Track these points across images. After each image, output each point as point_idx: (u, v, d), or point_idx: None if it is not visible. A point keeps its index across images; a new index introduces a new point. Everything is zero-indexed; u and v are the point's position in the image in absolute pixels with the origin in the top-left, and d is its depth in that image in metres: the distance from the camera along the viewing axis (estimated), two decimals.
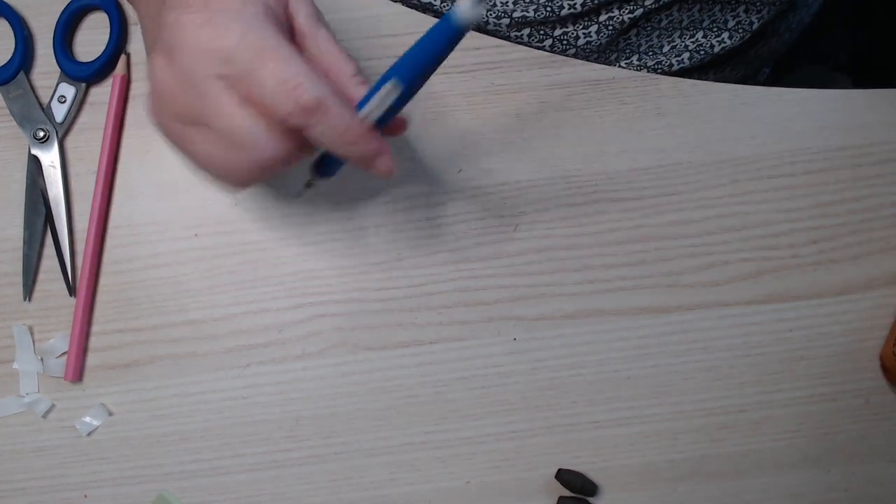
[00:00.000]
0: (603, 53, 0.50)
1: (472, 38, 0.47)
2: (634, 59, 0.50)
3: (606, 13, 0.47)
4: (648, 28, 0.49)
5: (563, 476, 0.44)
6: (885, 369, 0.45)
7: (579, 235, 0.46)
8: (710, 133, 0.46)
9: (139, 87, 0.46)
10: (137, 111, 0.46)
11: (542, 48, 0.49)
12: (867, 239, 0.46)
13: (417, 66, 0.34)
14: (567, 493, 0.44)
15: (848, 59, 0.72)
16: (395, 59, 0.46)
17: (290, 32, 0.35)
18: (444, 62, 0.46)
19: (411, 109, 0.46)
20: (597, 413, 0.45)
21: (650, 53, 0.50)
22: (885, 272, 0.46)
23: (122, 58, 0.46)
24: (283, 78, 0.31)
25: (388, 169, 0.35)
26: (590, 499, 0.44)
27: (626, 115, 0.46)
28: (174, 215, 0.46)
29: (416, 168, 0.46)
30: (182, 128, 0.34)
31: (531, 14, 0.46)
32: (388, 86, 0.33)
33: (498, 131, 0.46)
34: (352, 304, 0.45)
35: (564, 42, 0.48)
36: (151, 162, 0.46)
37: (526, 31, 0.48)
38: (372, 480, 0.45)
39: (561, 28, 0.48)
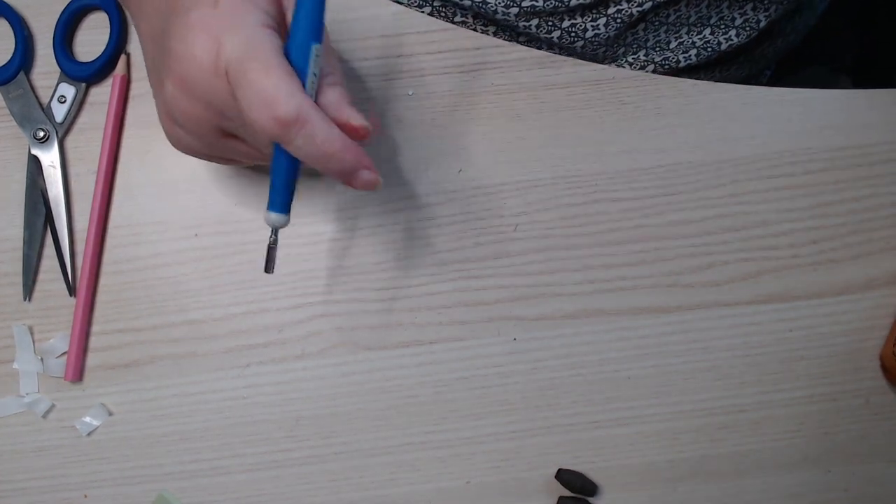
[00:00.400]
0: (611, 47, 0.50)
1: (472, 38, 0.47)
2: (641, 54, 0.50)
3: (615, 5, 0.47)
4: (656, 23, 0.49)
5: (563, 476, 0.44)
6: (885, 369, 0.45)
7: (579, 235, 0.46)
8: (711, 133, 0.46)
9: (139, 87, 0.46)
10: (137, 111, 0.46)
11: (550, 39, 0.48)
12: (867, 239, 0.46)
13: (315, 24, 0.34)
14: (567, 493, 0.44)
15: (852, 61, 0.71)
16: (391, 60, 0.47)
17: (281, 29, 0.35)
18: (443, 62, 0.47)
19: (412, 109, 0.46)
20: (597, 413, 0.45)
21: (657, 49, 0.50)
22: (885, 272, 0.46)
23: (122, 58, 0.46)
24: (261, 92, 0.31)
25: (369, 183, 0.34)
26: (590, 499, 0.44)
27: (626, 115, 0.46)
28: (174, 215, 0.46)
29: (416, 168, 0.46)
30: (221, 140, 0.35)
31: (540, 4, 0.46)
32: (314, 50, 0.34)
33: (498, 131, 0.46)
34: (352, 304, 0.45)
35: (572, 34, 0.48)
36: (151, 162, 0.46)
37: (534, 21, 0.48)
38: (372, 480, 0.45)
39: (569, 19, 0.48)
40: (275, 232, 0.36)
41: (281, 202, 0.35)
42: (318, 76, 0.34)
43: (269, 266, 0.37)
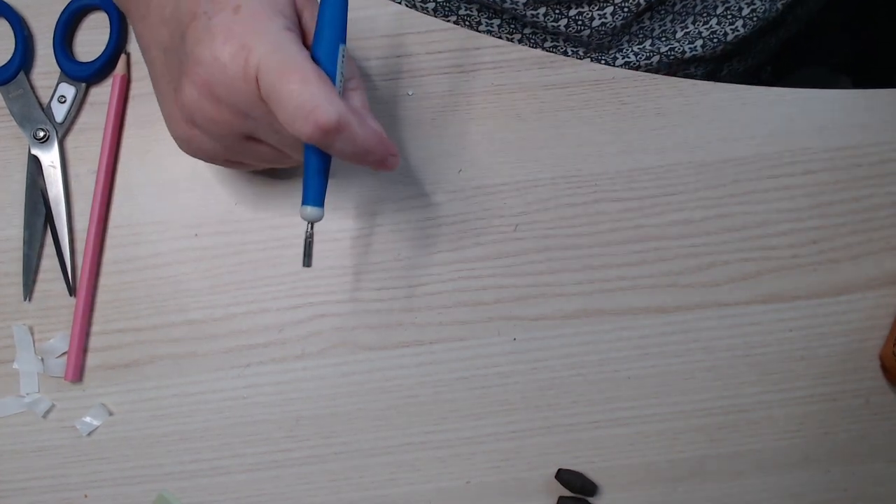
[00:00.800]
0: (616, 37, 0.50)
1: (471, 38, 0.47)
2: (647, 43, 0.50)
3: None
4: (662, 11, 0.49)
5: (563, 476, 0.44)
6: (885, 369, 0.45)
7: (579, 235, 0.46)
8: (710, 133, 0.46)
9: (139, 87, 0.46)
10: (137, 111, 0.46)
11: (557, 28, 0.48)
12: (867, 239, 0.46)
13: (341, 24, 0.35)
14: (567, 493, 0.44)
15: (850, 59, 0.71)
16: (391, 60, 0.47)
17: (300, 32, 0.35)
18: (443, 62, 0.47)
19: (412, 109, 0.46)
20: (597, 413, 0.45)
21: (663, 38, 0.50)
22: (885, 272, 0.46)
23: (122, 57, 0.46)
24: (301, 101, 0.31)
25: (395, 166, 0.36)
26: (590, 499, 0.44)
27: (626, 115, 0.46)
28: (174, 215, 0.46)
29: (416, 168, 0.46)
30: (243, 143, 0.36)
31: None
32: (341, 50, 0.35)
33: (498, 131, 0.46)
34: (352, 304, 0.45)
35: (579, 22, 0.48)
36: (151, 162, 0.46)
37: (542, 9, 0.48)
38: (372, 480, 0.45)
39: (577, 8, 0.48)
40: (311, 226, 0.37)
41: (316, 196, 0.35)
42: (345, 77, 0.35)
43: (307, 260, 0.37)
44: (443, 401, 0.45)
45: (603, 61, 0.50)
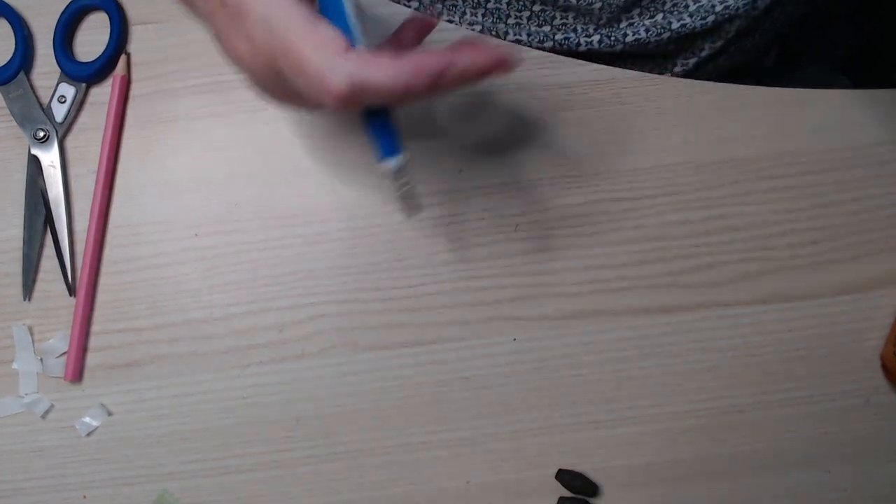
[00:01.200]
0: (627, 11, 0.49)
1: (472, 39, 0.46)
2: (659, 17, 0.49)
3: None
4: None
5: (563, 476, 0.44)
6: (886, 369, 0.45)
7: (579, 235, 0.46)
8: (710, 133, 0.46)
9: (139, 88, 0.46)
10: (137, 111, 0.46)
11: (568, 1, 0.48)
12: (867, 239, 0.46)
13: None
14: (567, 493, 0.44)
15: (852, 52, 0.71)
16: None
17: None
18: None
19: (412, 109, 0.46)
20: (597, 413, 0.45)
21: (675, 12, 0.49)
22: (885, 272, 0.46)
23: (122, 58, 0.46)
24: (306, 73, 0.30)
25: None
26: (590, 499, 0.44)
27: (626, 115, 0.46)
28: (174, 215, 0.46)
29: (416, 168, 0.46)
30: (291, 95, 0.34)
31: None
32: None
33: (498, 131, 0.46)
34: (352, 304, 0.45)
35: None
36: (151, 162, 0.46)
37: None
38: (372, 480, 0.45)
39: None
40: (397, 177, 0.35)
41: (389, 148, 0.34)
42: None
43: (410, 209, 0.35)
44: (443, 401, 0.45)
45: (612, 37, 0.50)
